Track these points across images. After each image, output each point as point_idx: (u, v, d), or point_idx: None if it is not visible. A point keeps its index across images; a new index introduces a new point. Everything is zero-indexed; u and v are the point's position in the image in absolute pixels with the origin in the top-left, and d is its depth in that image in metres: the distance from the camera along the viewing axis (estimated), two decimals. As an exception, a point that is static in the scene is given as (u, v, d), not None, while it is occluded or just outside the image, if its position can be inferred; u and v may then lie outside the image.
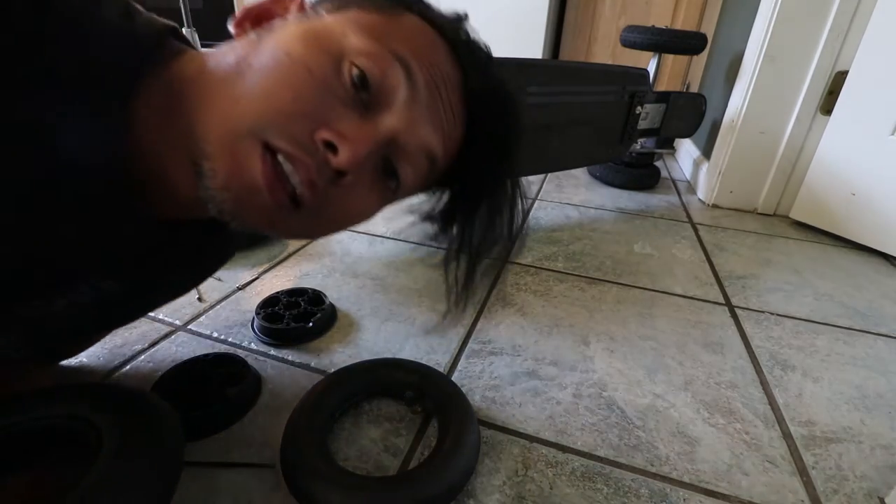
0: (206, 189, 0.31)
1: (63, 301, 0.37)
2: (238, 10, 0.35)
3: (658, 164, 1.63)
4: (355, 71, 0.31)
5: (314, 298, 0.74)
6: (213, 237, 0.44)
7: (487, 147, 0.39)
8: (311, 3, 0.37)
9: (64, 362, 0.59)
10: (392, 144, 0.34)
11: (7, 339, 0.40)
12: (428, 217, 0.44)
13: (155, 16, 0.34)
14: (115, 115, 0.30)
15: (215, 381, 0.55)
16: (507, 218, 0.42)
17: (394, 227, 1.08)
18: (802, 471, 0.53)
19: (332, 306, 0.74)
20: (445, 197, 0.44)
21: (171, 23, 0.34)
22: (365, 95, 0.32)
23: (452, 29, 0.38)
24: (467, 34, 0.39)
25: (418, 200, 0.45)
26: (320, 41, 0.32)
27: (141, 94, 0.31)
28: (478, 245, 0.43)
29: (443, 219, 0.44)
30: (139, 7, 0.32)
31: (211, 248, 0.48)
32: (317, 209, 0.33)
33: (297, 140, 0.30)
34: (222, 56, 0.33)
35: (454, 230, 0.43)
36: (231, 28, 0.36)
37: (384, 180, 0.36)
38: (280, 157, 0.30)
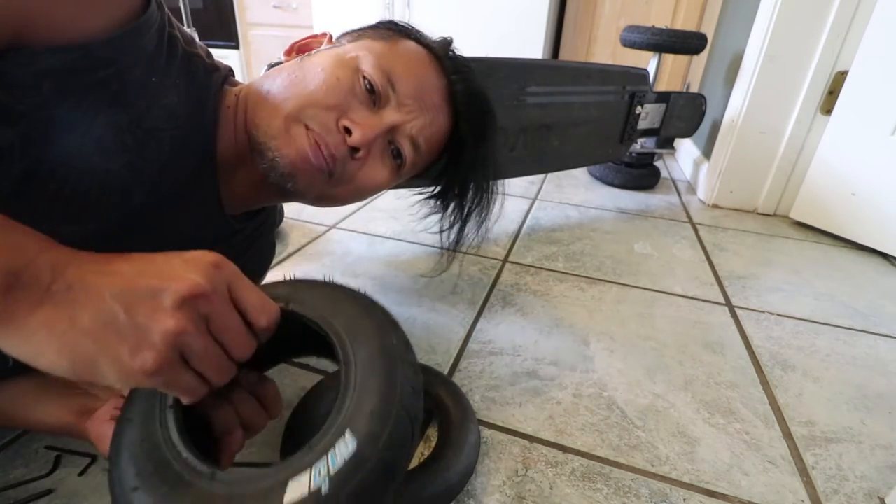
0: (273, 160, 0.43)
1: None
2: (287, 46, 0.51)
3: (658, 164, 1.63)
4: (366, 82, 0.45)
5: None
6: (259, 238, 0.60)
7: (470, 133, 0.53)
8: (336, 37, 0.53)
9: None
10: (393, 132, 0.47)
11: None
12: (431, 196, 0.60)
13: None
14: (211, 108, 0.44)
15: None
16: (487, 192, 0.58)
17: (394, 228, 1.08)
18: (802, 471, 0.53)
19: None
20: (443, 179, 0.58)
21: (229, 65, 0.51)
22: (374, 98, 0.46)
23: (440, 48, 0.52)
24: (452, 52, 0.53)
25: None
26: (344, 61, 0.46)
27: (221, 99, 0.45)
28: (466, 211, 0.58)
29: (441, 193, 0.59)
30: (210, 51, 0.47)
31: (257, 250, 0.61)
32: (345, 177, 0.46)
33: (325, 125, 0.44)
34: (276, 75, 0.46)
35: (448, 202, 0.58)
36: (282, 56, 0.51)
37: (392, 158, 0.49)
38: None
